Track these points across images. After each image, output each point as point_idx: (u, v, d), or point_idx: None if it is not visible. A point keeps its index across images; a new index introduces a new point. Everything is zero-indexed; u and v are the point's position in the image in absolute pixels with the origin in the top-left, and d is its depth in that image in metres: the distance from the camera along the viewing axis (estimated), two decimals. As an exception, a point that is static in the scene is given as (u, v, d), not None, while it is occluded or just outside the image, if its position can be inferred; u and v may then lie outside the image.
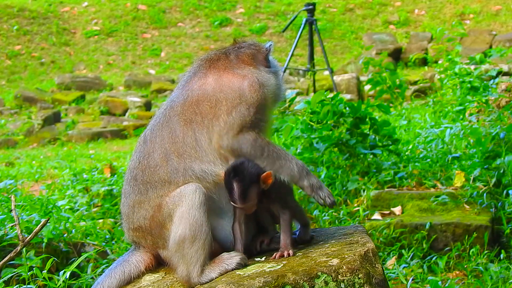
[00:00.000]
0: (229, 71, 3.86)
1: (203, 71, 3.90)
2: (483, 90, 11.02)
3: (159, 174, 3.74)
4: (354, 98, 16.04)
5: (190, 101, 3.79)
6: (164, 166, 3.73)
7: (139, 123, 16.89)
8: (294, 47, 15.77)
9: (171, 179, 3.72)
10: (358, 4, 25.92)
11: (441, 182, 7.36)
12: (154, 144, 3.80)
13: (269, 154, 3.72)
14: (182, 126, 3.76)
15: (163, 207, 3.71)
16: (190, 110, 3.77)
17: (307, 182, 3.74)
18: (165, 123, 3.81)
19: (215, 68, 3.88)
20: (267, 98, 3.84)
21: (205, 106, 3.76)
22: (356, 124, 7.78)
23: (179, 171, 3.72)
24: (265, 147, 3.72)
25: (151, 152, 3.79)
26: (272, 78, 3.93)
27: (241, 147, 3.70)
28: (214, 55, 3.98)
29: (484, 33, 21.26)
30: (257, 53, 3.97)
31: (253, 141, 3.70)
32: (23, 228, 5.74)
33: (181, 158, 3.72)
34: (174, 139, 3.76)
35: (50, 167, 12.25)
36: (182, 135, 3.75)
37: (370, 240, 3.75)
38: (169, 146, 3.75)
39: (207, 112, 3.76)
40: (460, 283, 5.62)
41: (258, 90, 3.79)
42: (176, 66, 23.50)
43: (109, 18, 25.93)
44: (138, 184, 3.79)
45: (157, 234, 3.76)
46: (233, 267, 3.64)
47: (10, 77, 23.30)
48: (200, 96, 3.79)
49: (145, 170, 3.78)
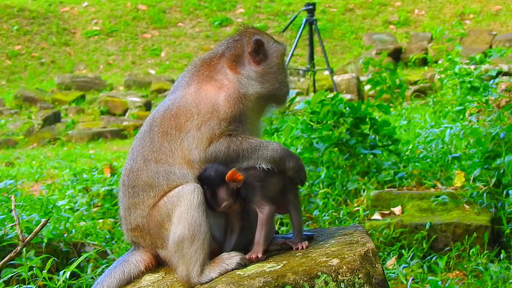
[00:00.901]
0: (209, 80, 3.82)
1: (187, 79, 3.89)
2: (483, 90, 11.02)
3: (142, 178, 3.78)
4: (354, 98, 16.03)
5: (169, 114, 3.81)
6: (145, 170, 3.78)
7: (139, 123, 16.87)
8: (294, 47, 15.78)
9: (154, 182, 3.75)
10: (358, 4, 25.92)
11: (441, 182, 7.36)
12: (137, 151, 3.85)
13: (244, 153, 3.72)
14: (159, 137, 3.80)
15: (161, 207, 3.72)
16: (167, 123, 3.80)
17: (288, 164, 3.74)
18: (146, 132, 3.86)
19: (198, 75, 3.86)
20: (245, 108, 3.79)
21: (182, 119, 3.77)
22: (356, 124, 7.77)
23: (159, 174, 3.75)
24: (239, 148, 3.72)
25: (134, 158, 3.85)
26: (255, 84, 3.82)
27: (215, 156, 3.71)
28: (207, 56, 3.95)
29: (484, 33, 21.26)
30: (242, 53, 3.87)
31: (225, 149, 3.71)
32: (23, 228, 5.74)
33: (160, 163, 3.76)
34: (152, 148, 3.80)
35: (50, 167, 12.25)
36: (159, 145, 3.79)
37: (370, 240, 3.74)
38: (148, 153, 3.80)
39: (181, 126, 3.77)
40: (460, 283, 5.62)
41: (234, 104, 3.74)
42: (176, 66, 23.50)
43: (109, 18, 25.93)
44: (126, 188, 3.85)
45: (155, 234, 3.76)
46: (233, 267, 3.64)
47: (10, 77, 23.31)
48: (179, 108, 3.79)
49: (129, 175, 3.83)
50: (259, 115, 3.98)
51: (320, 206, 7.10)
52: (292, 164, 3.77)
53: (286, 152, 3.77)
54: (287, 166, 3.76)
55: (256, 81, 3.85)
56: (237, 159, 3.72)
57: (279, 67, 3.93)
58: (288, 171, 3.77)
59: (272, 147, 3.75)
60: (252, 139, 3.76)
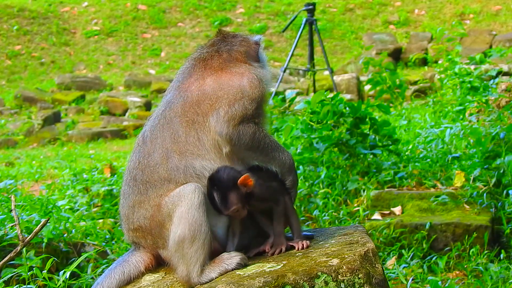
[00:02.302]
0: (226, 70, 3.88)
1: (199, 72, 3.90)
2: (483, 90, 11.02)
3: (159, 173, 3.74)
4: (354, 98, 16.03)
5: (190, 102, 3.80)
6: (164, 164, 3.74)
7: (139, 123, 16.88)
8: (294, 47, 15.77)
9: (171, 176, 3.72)
10: (358, 4, 25.92)
11: (441, 182, 7.36)
12: (155, 144, 3.80)
13: (264, 146, 3.79)
14: (184, 127, 3.77)
15: (162, 207, 3.71)
16: (191, 111, 3.79)
17: (292, 177, 3.86)
18: (166, 124, 3.81)
19: (211, 68, 3.89)
20: (266, 93, 3.92)
21: (206, 105, 3.78)
22: (356, 124, 7.77)
23: (179, 169, 3.72)
24: (262, 140, 3.79)
25: (151, 152, 3.79)
26: (266, 73, 3.99)
27: (240, 137, 3.74)
28: (206, 54, 3.97)
29: (484, 33, 21.26)
30: (249, 50, 4.01)
31: (252, 134, 3.76)
32: (23, 228, 5.74)
33: (183, 156, 3.74)
34: (177, 139, 3.77)
35: (50, 167, 12.25)
36: (184, 136, 3.76)
37: (370, 240, 3.75)
38: (171, 146, 3.76)
39: (208, 110, 3.78)
40: (460, 283, 5.62)
41: (258, 86, 3.85)
42: (176, 66, 23.49)
43: (109, 18, 25.93)
44: (137, 184, 3.79)
45: (157, 234, 3.76)
46: (233, 267, 3.64)
47: (10, 77, 23.30)
48: (200, 96, 3.80)
49: (145, 170, 3.78)
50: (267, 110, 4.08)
51: (320, 206, 7.10)
52: (294, 178, 3.87)
53: (293, 165, 3.89)
54: (290, 178, 3.86)
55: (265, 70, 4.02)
56: (256, 149, 3.77)
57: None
58: (288, 183, 3.85)
59: (287, 153, 3.86)
60: (273, 138, 3.88)
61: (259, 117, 3.83)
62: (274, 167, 3.81)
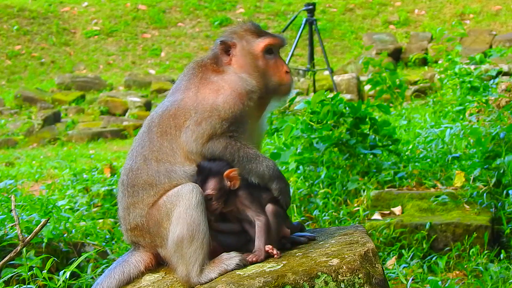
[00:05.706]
0: (206, 83, 3.84)
1: (190, 80, 3.89)
2: (483, 90, 11.03)
3: (142, 177, 3.79)
4: (354, 98, 16.03)
5: (167, 114, 3.83)
6: (145, 169, 3.79)
7: (139, 123, 16.87)
8: (294, 47, 15.78)
9: (155, 180, 3.76)
10: (358, 4, 25.92)
11: (441, 182, 7.36)
12: (136, 151, 3.87)
13: (239, 159, 3.74)
14: (158, 137, 3.81)
15: (160, 206, 3.72)
16: (166, 123, 3.82)
17: (277, 184, 3.76)
18: (145, 132, 3.88)
19: (196, 77, 3.88)
20: (246, 107, 3.80)
21: (181, 119, 3.80)
22: (356, 124, 7.77)
23: (160, 173, 3.76)
24: (236, 153, 3.74)
25: (134, 158, 3.86)
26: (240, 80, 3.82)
27: (211, 153, 3.74)
28: (201, 60, 3.97)
29: (484, 33, 21.25)
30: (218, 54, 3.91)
31: (223, 149, 3.74)
32: (23, 228, 5.74)
33: (161, 162, 3.78)
34: (152, 148, 3.81)
35: (50, 167, 12.25)
36: (159, 145, 3.81)
37: (370, 240, 3.74)
38: (148, 153, 3.81)
39: (181, 125, 3.79)
40: (460, 283, 5.63)
41: (233, 104, 3.76)
42: (176, 66, 23.50)
43: (109, 18, 25.93)
44: (125, 188, 3.85)
45: (155, 233, 3.76)
46: (233, 267, 3.64)
47: (10, 77, 23.31)
48: (178, 109, 3.82)
49: (129, 174, 3.84)
50: (260, 113, 3.99)
51: (320, 206, 7.10)
52: (279, 186, 3.77)
53: (277, 173, 3.78)
54: (274, 187, 3.77)
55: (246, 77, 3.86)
56: (231, 163, 3.74)
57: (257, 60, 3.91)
58: (274, 191, 3.77)
59: (266, 163, 3.76)
60: (251, 149, 3.78)
61: (233, 131, 3.76)
62: (253, 179, 3.75)
